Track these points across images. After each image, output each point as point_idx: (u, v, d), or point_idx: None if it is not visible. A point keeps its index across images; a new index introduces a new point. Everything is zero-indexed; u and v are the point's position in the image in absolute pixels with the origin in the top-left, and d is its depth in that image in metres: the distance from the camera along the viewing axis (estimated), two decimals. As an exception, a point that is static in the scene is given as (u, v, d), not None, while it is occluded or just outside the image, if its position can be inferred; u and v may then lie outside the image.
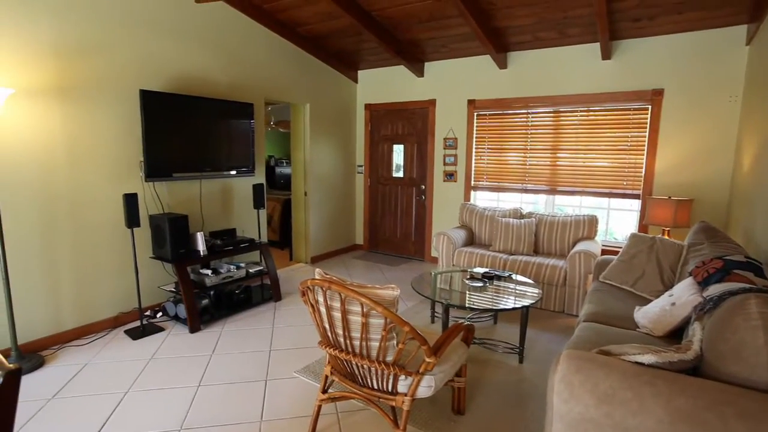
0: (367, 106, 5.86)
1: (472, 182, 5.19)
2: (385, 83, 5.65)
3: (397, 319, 1.68)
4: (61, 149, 2.98)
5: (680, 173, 3.95)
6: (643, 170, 4.14)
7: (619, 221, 4.62)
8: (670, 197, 3.77)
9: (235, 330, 3.39)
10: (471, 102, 5.03)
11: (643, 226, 4.16)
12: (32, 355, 2.82)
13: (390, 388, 1.89)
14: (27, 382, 2.59)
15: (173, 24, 3.58)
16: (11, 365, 0.85)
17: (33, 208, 2.88)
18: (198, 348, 3.06)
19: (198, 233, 3.61)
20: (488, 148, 5.05)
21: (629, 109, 4.18)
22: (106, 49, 3.17)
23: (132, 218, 3.18)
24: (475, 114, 5.06)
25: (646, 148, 4.11)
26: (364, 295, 1.69)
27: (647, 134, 4.10)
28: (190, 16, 3.70)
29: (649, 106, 4.07)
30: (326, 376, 2.10)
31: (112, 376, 2.67)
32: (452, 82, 5.13)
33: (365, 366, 1.87)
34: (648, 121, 4.09)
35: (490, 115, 4.99)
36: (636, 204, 4.29)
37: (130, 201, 3.17)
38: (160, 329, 3.35)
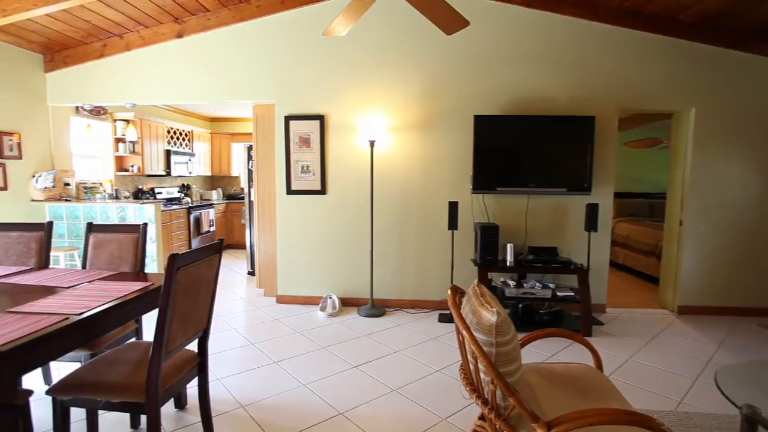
0: (822, 99, 3.74)
1: None
2: None
3: (480, 352, 1.36)
4: (416, 164, 4.10)
5: None
6: None
7: None
8: None
9: (515, 345, 3.34)
10: None
11: None
12: (379, 307, 4.08)
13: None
14: (370, 321, 3.80)
15: (508, 54, 3.95)
16: None
17: (395, 204, 4.15)
18: (471, 346, 3.31)
19: (508, 244, 3.80)
20: None
21: None
22: (450, 88, 4.01)
23: (452, 222, 3.84)
24: None
25: None
26: (462, 318, 1.48)
27: None
28: (525, 43, 3.93)
29: None
30: None
31: (401, 339, 3.43)
32: None
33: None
34: None
35: None
36: None
37: (452, 208, 3.84)
38: (462, 322, 3.83)
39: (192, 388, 2.42)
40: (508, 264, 3.76)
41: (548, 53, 3.95)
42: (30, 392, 1.49)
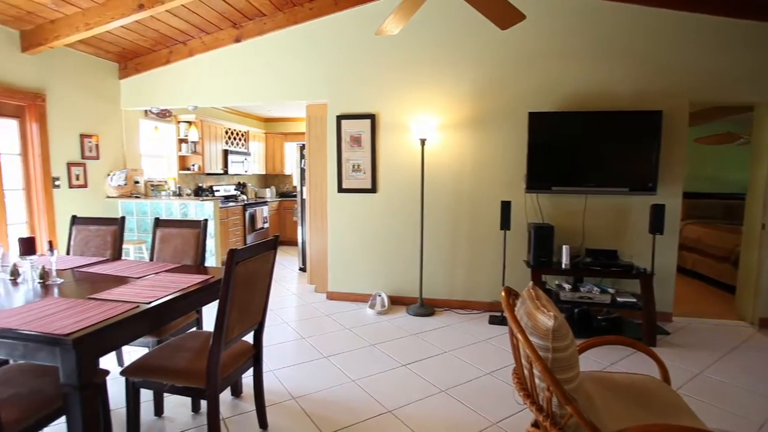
0: None
1: None
2: None
3: (536, 356, 1.30)
4: (467, 162, 4.03)
5: None
6: None
7: None
8: None
9: (570, 352, 3.18)
10: None
11: None
12: (428, 306, 4.05)
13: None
14: (419, 320, 3.78)
15: (566, 48, 3.77)
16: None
17: (445, 203, 4.11)
18: (522, 350, 3.20)
19: (564, 246, 3.63)
20: None
21: None
22: (503, 85, 3.90)
23: (504, 222, 3.74)
24: None
25: None
26: (516, 320, 1.43)
27: None
28: (585, 35, 3.73)
29: None
30: None
31: (450, 339, 3.38)
32: None
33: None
34: None
35: None
36: None
37: (505, 207, 3.73)
38: (513, 325, 3.72)
39: (247, 377, 2.52)
40: (563, 266, 3.59)
41: (611, 45, 3.72)
42: (107, 372, 1.62)
